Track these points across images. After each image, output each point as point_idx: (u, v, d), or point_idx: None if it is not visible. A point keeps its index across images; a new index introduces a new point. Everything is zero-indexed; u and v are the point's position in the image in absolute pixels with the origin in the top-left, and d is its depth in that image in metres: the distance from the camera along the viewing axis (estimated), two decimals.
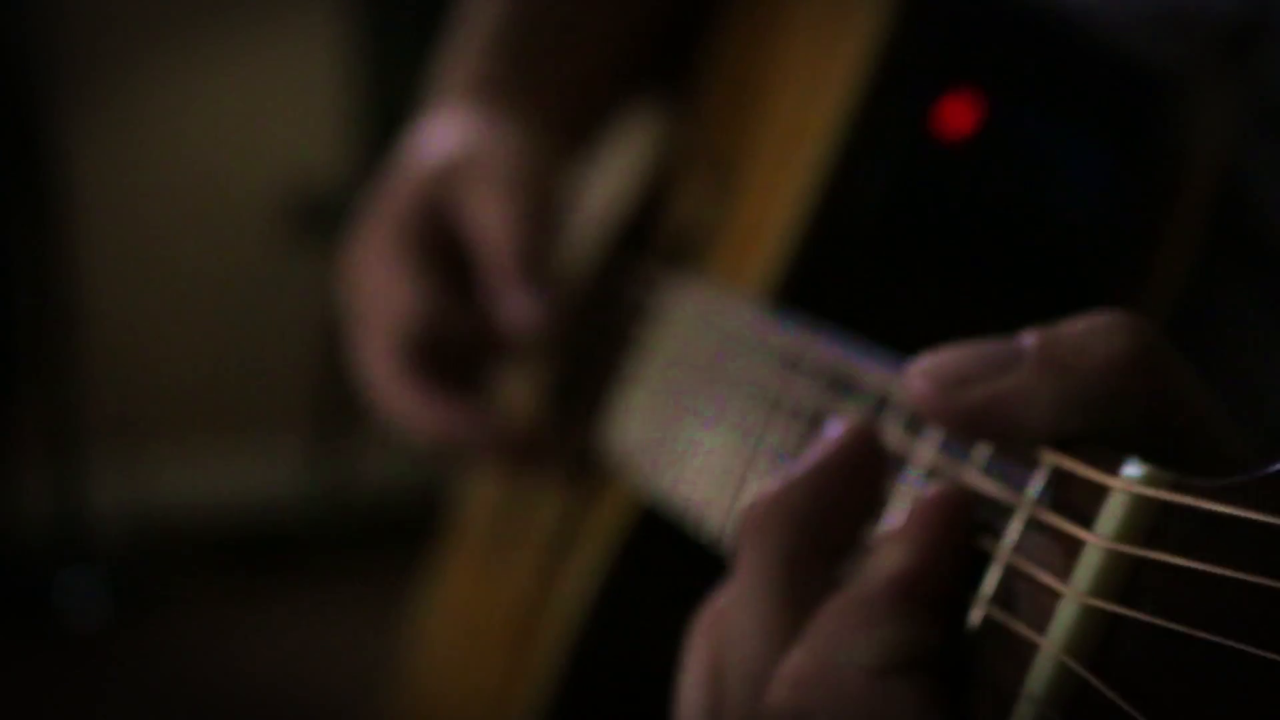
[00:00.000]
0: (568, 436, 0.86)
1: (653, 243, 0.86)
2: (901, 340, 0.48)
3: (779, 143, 0.71)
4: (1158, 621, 0.32)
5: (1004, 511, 0.37)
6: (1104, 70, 0.64)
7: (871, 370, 0.47)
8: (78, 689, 2.39)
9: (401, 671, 1.06)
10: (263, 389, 3.18)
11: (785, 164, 0.67)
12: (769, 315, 0.60)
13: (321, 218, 2.94)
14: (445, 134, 0.83)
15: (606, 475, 0.77)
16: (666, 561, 0.59)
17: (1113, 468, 0.35)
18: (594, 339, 0.86)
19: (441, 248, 0.80)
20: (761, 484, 0.52)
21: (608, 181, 1.01)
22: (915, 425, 0.43)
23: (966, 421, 0.38)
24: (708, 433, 0.60)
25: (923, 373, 0.38)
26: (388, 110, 2.91)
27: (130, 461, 2.84)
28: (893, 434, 0.43)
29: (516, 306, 0.76)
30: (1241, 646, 0.29)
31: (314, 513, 2.98)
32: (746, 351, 0.59)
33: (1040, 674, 0.34)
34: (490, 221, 0.78)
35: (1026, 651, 0.35)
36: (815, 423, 0.51)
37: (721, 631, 0.42)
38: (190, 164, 3.08)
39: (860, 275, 0.64)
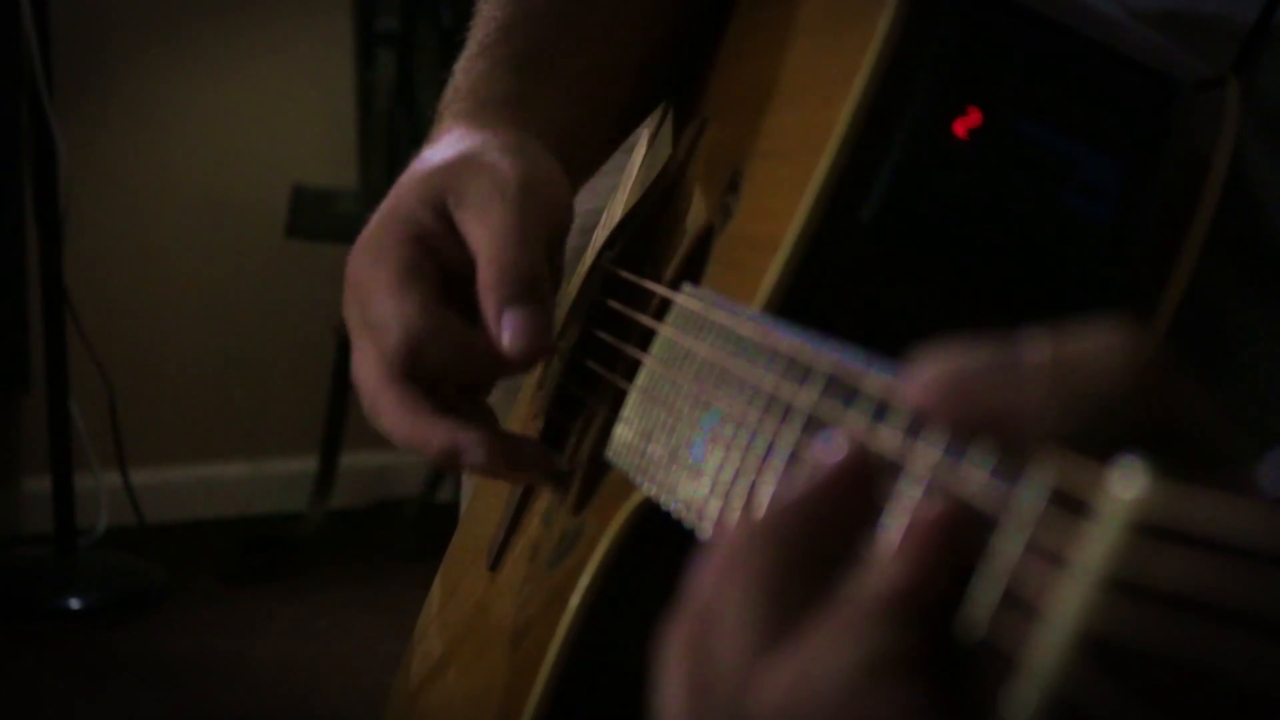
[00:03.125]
0: (572, 442, 0.86)
1: (656, 250, 0.86)
2: (911, 348, 0.47)
3: (785, 154, 0.71)
4: (1155, 635, 0.31)
5: (1001, 517, 0.37)
6: (1118, 79, 0.64)
7: (873, 375, 0.47)
8: (75, 693, 2.39)
9: (401, 673, 1.06)
10: (264, 396, 3.18)
11: (791, 175, 0.67)
12: (771, 321, 0.59)
13: (326, 224, 2.93)
14: (450, 143, 0.84)
15: (608, 478, 0.77)
16: (665, 561, 0.59)
17: (1114, 473, 0.34)
18: (598, 342, 0.86)
19: (438, 260, 0.80)
20: (747, 507, 0.52)
21: (616, 185, 1.01)
22: (914, 430, 0.42)
23: (968, 430, 0.38)
24: (708, 437, 0.60)
25: (925, 382, 0.38)
26: (395, 118, 2.91)
27: (132, 465, 2.84)
28: (890, 439, 0.43)
29: (509, 326, 0.76)
30: (1237, 673, 0.29)
31: (313, 521, 2.98)
32: (748, 356, 0.59)
33: (1035, 684, 0.34)
34: (484, 228, 0.78)
35: (1021, 661, 0.34)
36: (815, 428, 0.50)
37: (705, 648, 0.41)
38: (195, 174, 3.08)
39: (870, 285, 0.64)
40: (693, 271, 0.78)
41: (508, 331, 0.76)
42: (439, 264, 0.80)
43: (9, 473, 2.99)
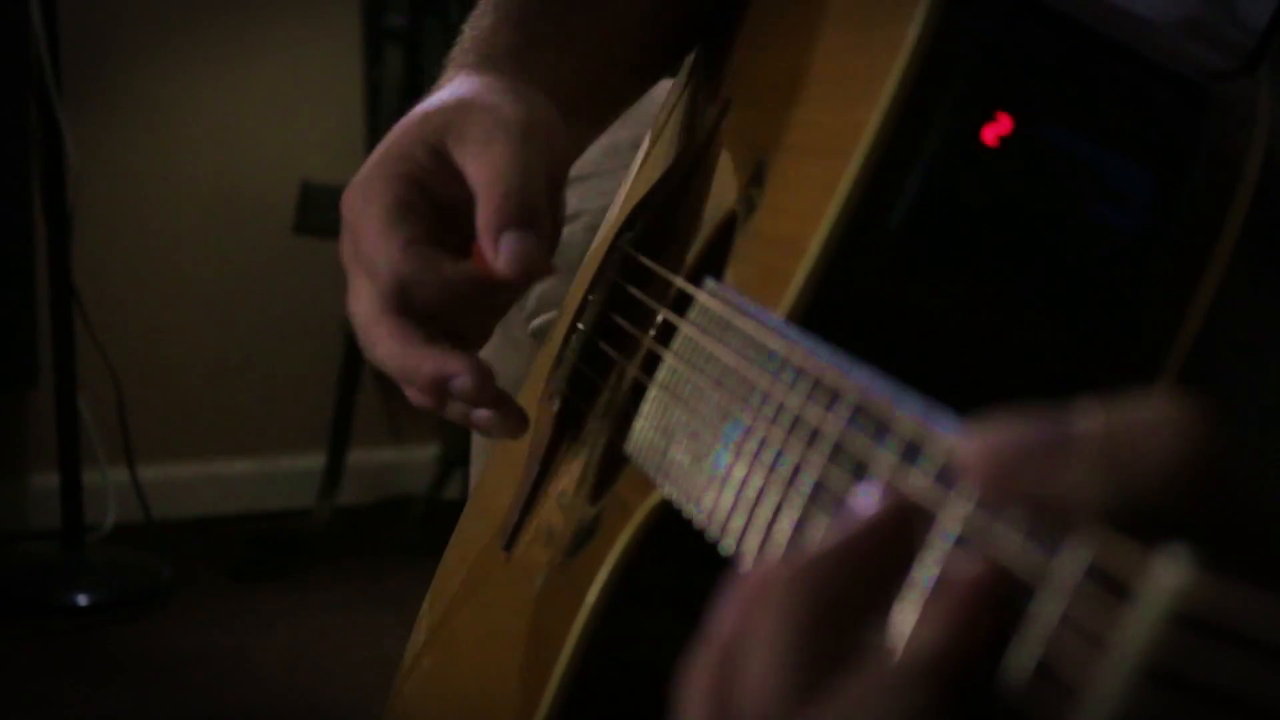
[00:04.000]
0: (591, 432, 0.86)
1: (678, 229, 0.86)
2: (940, 357, 0.47)
3: (812, 153, 0.71)
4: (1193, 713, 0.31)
5: (1039, 585, 0.36)
6: (1149, 85, 0.63)
7: (906, 413, 0.46)
8: (82, 689, 2.39)
9: (405, 671, 1.06)
10: (272, 391, 3.18)
11: (819, 176, 0.66)
12: (798, 334, 0.59)
13: (335, 219, 2.92)
14: (452, 89, 0.85)
15: (625, 469, 0.77)
16: (683, 561, 0.58)
17: (1157, 559, 0.33)
18: (615, 327, 0.86)
19: (430, 196, 0.81)
20: (774, 546, 0.52)
21: (635, 179, 1.01)
22: (946, 479, 0.42)
23: (1016, 504, 0.37)
24: (731, 448, 0.60)
25: (978, 454, 0.38)
26: (402, 111, 2.90)
27: (139, 461, 2.84)
28: (922, 484, 0.42)
29: (506, 248, 0.77)
30: None
31: (321, 516, 2.98)
32: (774, 369, 0.58)
33: None
34: (483, 162, 0.79)
35: None
36: (841, 457, 0.50)
37: (728, 692, 0.41)
38: (204, 170, 3.07)
39: (896, 292, 0.63)
40: (714, 262, 0.78)
41: (505, 252, 0.77)
42: (431, 201, 0.81)
43: (16, 468, 2.99)
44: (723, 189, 0.82)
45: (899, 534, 0.41)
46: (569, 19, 0.92)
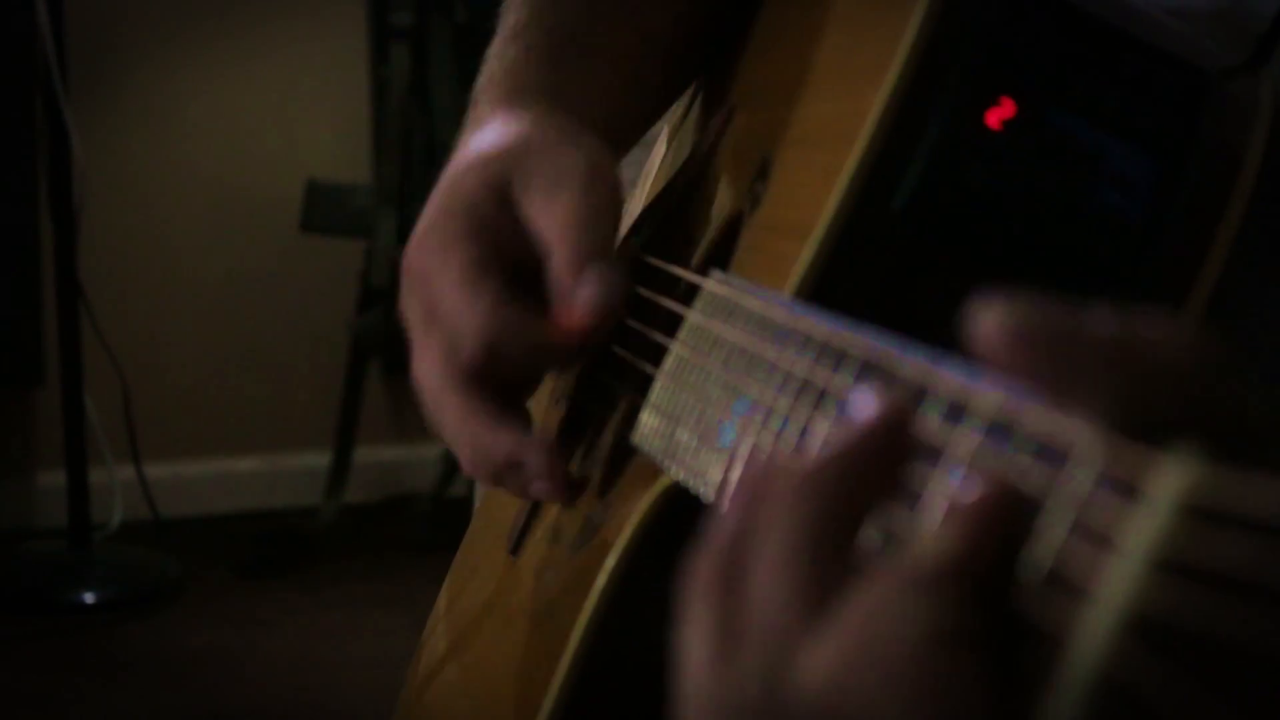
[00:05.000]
0: (599, 425, 0.86)
1: (685, 232, 0.86)
2: (939, 340, 0.47)
3: (817, 141, 0.71)
4: (1205, 616, 0.31)
5: (1048, 500, 0.37)
6: (1148, 71, 0.64)
7: (908, 360, 0.47)
8: (89, 686, 2.40)
9: (415, 667, 1.06)
10: (277, 390, 3.19)
11: (824, 163, 0.67)
12: (802, 307, 0.60)
13: (339, 218, 2.93)
14: (499, 129, 0.83)
15: (633, 462, 0.77)
16: (692, 545, 0.59)
17: (1166, 458, 0.34)
18: (623, 327, 0.86)
19: (505, 251, 0.78)
20: (790, 454, 0.52)
21: (647, 173, 1.01)
22: (954, 415, 0.43)
23: (1024, 377, 0.37)
24: (738, 423, 0.60)
25: (994, 319, 0.37)
26: (408, 114, 2.91)
27: (146, 460, 2.85)
28: (930, 424, 0.43)
29: (585, 289, 0.75)
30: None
31: (328, 515, 2.98)
32: (780, 341, 0.59)
33: (1084, 665, 0.34)
34: (556, 214, 0.77)
35: (1070, 642, 0.35)
36: (847, 410, 0.50)
37: (737, 594, 0.41)
38: (210, 170, 3.08)
39: (901, 274, 0.64)
40: (721, 258, 0.78)
41: (586, 295, 0.75)
42: (505, 257, 0.78)
43: (24, 467, 2.99)
44: (729, 188, 0.83)
45: (902, 431, 0.41)
46: (595, 44, 0.90)
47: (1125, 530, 0.34)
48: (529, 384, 0.82)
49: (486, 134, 0.83)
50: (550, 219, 0.77)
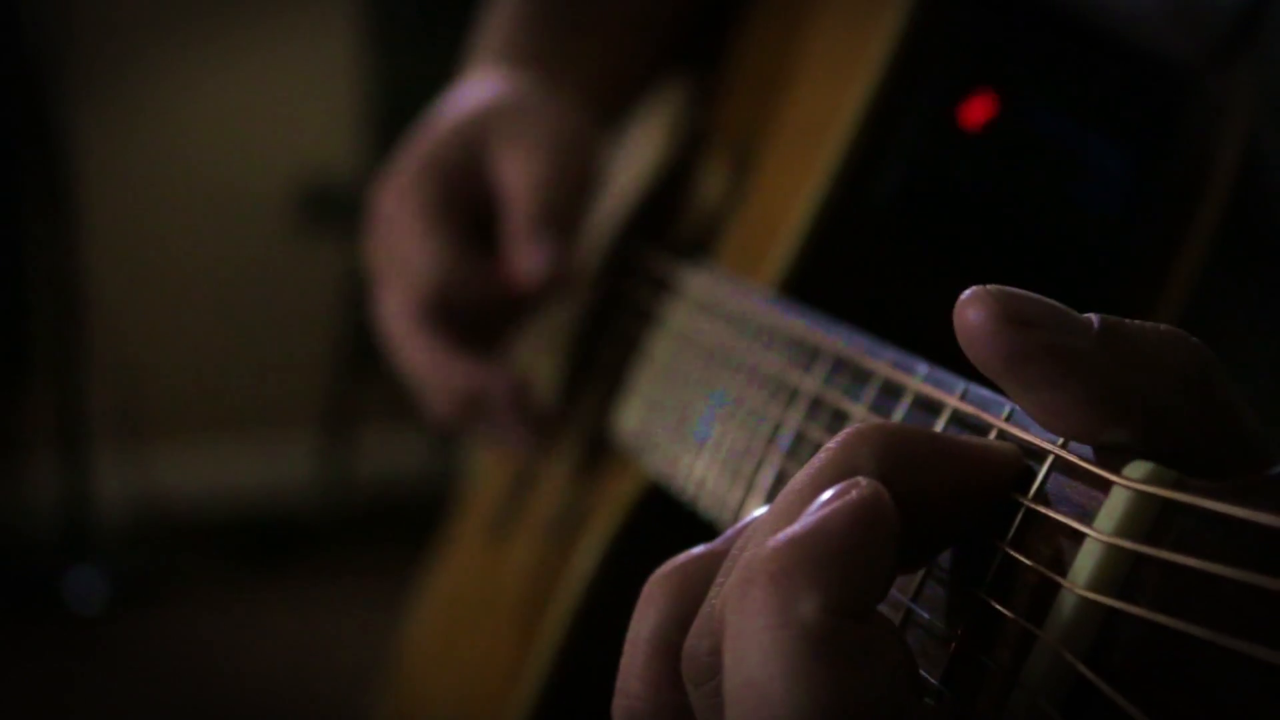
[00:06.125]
0: (580, 416, 0.87)
1: (669, 227, 0.87)
2: (915, 332, 0.48)
3: (798, 135, 0.72)
4: (1155, 618, 0.32)
5: (1006, 503, 0.38)
6: (1122, 66, 0.64)
7: (880, 358, 0.48)
8: (82, 675, 2.40)
9: (401, 653, 1.07)
10: (270, 382, 3.19)
11: (804, 156, 0.67)
12: (778, 302, 0.60)
13: (333, 211, 2.94)
14: (482, 88, 0.84)
15: (614, 454, 0.78)
16: (671, 538, 0.59)
17: (1116, 465, 0.35)
18: (608, 321, 0.86)
19: (466, 198, 0.79)
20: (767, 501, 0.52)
21: (631, 164, 1.01)
22: (928, 410, 0.43)
23: (1009, 363, 0.36)
24: (713, 417, 0.61)
25: (983, 300, 0.36)
26: (400, 104, 2.90)
27: (137, 451, 2.85)
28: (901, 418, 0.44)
29: (532, 255, 0.76)
30: (1237, 644, 0.30)
31: (319, 504, 2.99)
32: (755, 338, 0.60)
33: (1037, 665, 0.34)
34: (521, 170, 0.77)
35: (1024, 642, 0.35)
36: (819, 409, 0.51)
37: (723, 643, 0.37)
38: (202, 158, 3.08)
39: (875, 268, 0.64)
40: (704, 249, 0.78)
41: (532, 258, 0.76)
42: (467, 203, 0.79)
43: (16, 464, 2.98)
44: (713, 180, 0.83)
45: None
46: (588, 19, 0.91)
47: (1079, 538, 0.35)
48: (487, 330, 0.82)
49: (471, 89, 0.84)
50: (516, 176, 0.77)
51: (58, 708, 2.33)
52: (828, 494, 0.35)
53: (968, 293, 0.37)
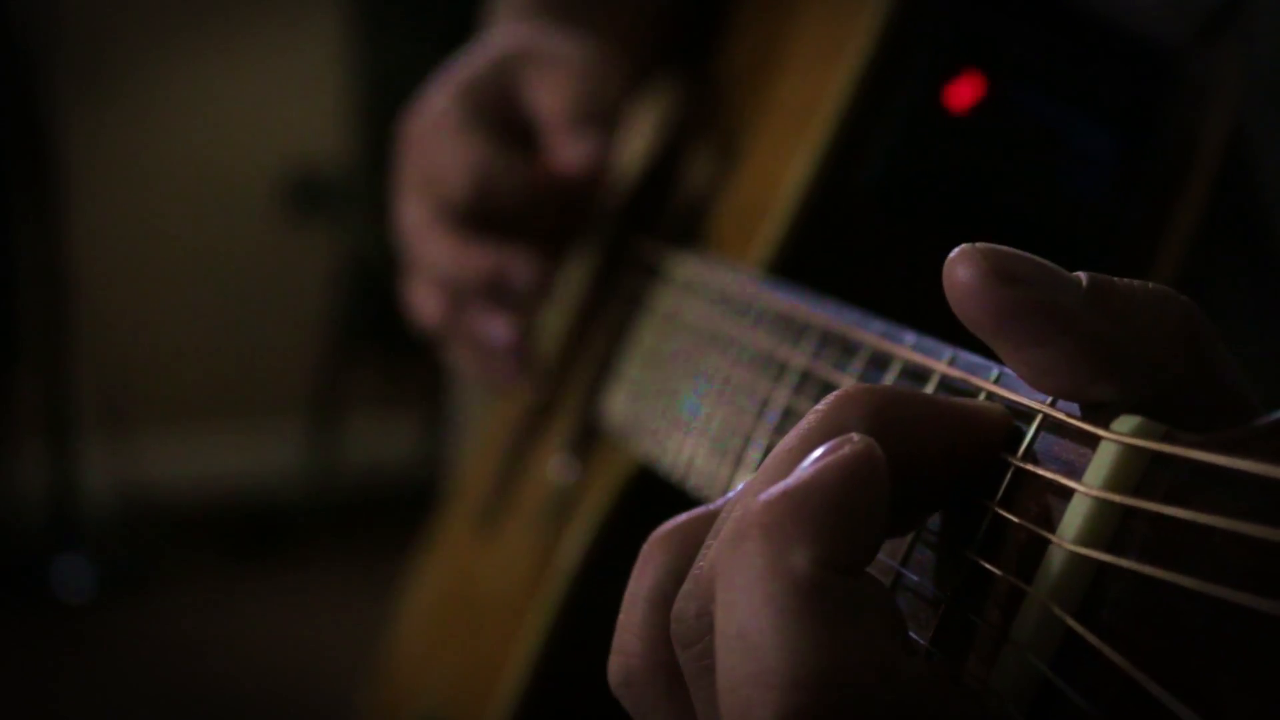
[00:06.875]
0: (572, 404, 0.87)
1: (659, 213, 0.87)
2: (901, 313, 0.48)
3: (786, 118, 0.72)
4: (1144, 570, 0.32)
5: (995, 463, 0.38)
6: (1107, 48, 0.65)
7: (868, 329, 0.48)
8: (70, 664, 2.40)
9: (389, 643, 1.07)
10: (258, 371, 3.19)
11: (791, 139, 0.68)
12: (764, 281, 0.60)
13: (320, 201, 2.94)
14: (514, 30, 0.84)
15: (604, 439, 0.78)
16: (662, 521, 0.59)
17: (1104, 421, 0.35)
18: (599, 310, 0.86)
19: (504, 117, 0.80)
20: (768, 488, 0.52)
21: (622, 155, 1.02)
22: (916, 378, 0.43)
23: (999, 320, 0.36)
24: (701, 396, 0.61)
25: (972, 257, 0.36)
26: (386, 94, 2.90)
27: (125, 440, 2.84)
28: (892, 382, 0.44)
29: (574, 145, 0.76)
30: (1227, 594, 0.30)
31: (307, 493, 2.98)
32: (742, 316, 0.60)
33: (1026, 621, 0.34)
34: (559, 86, 0.78)
35: (1013, 600, 0.35)
36: (807, 383, 0.51)
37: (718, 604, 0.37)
38: (190, 148, 3.08)
39: (862, 251, 0.64)
40: (692, 234, 0.79)
41: (579, 147, 0.76)
42: (503, 119, 0.80)
43: (3, 453, 2.98)
44: (701, 167, 0.83)
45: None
46: (588, 9, 0.91)
47: (1068, 493, 0.35)
48: (517, 231, 0.82)
49: (502, 33, 0.85)
50: (554, 92, 0.78)
51: (45, 696, 2.33)
52: (819, 450, 0.35)
53: (957, 251, 0.37)
